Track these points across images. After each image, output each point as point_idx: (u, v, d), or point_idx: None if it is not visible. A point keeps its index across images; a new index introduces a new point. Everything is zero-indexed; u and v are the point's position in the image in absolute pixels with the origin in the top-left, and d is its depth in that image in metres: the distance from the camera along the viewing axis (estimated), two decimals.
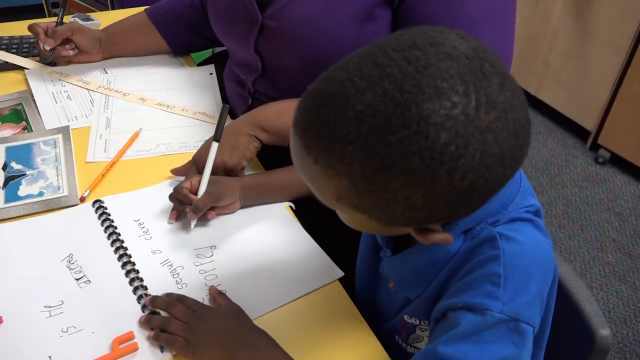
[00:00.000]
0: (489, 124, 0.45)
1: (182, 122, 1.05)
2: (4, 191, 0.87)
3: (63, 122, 1.03)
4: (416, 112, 0.44)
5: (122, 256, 0.77)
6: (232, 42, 1.01)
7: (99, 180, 0.90)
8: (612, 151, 2.12)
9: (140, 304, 0.71)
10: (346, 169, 0.47)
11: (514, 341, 0.53)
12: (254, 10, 0.91)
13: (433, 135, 0.44)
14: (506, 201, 0.59)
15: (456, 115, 0.44)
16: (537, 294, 0.55)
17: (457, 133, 0.44)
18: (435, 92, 0.44)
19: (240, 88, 1.06)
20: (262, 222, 0.84)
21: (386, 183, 0.47)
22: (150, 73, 1.19)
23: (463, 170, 0.45)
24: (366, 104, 0.45)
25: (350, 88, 0.46)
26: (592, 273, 1.73)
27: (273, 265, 0.78)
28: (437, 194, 0.47)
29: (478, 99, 0.45)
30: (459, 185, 0.46)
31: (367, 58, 0.47)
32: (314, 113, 0.48)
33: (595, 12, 2.04)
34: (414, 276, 0.64)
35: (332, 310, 0.73)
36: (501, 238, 0.56)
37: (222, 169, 0.86)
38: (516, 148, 0.48)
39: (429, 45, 0.46)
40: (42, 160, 0.93)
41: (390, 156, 0.45)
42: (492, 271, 0.54)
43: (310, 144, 0.49)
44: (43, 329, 0.67)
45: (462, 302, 0.55)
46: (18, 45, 1.23)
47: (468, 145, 0.45)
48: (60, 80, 1.14)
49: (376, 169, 0.46)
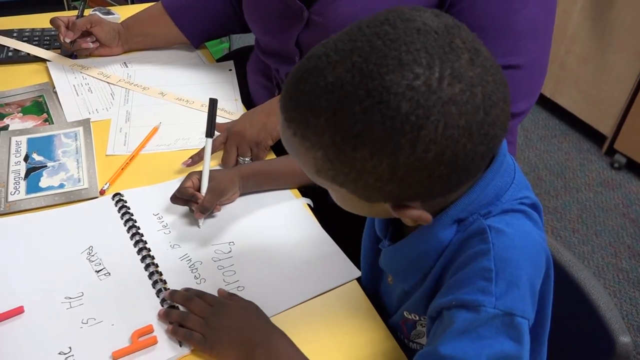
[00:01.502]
0: (452, 96, 0.46)
1: (201, 118, 1.05)
2: (25, 182, 0.87)
3: (84, 115, 1.04)
4: (379, 82, 0.46)
5: (142, 250, 0.77)
6: (270, 35, 1.02)
7: (118, 174, 0.91)
8: (629, 156, 2.10)
9: (160, 297, 0.71)
10: (319, 140, 0.50)
11: (511, 335, 0.52)
12: (299, 6, 0.91)
13: (394, 104, 0.46)
14: (499, 192, 0.58)
15: (417, 86, 0.45)
16: (528, 287, 0.54)
17: (418, 103, 0.46)
18: (399, 64, 0.46)
19: (266, 80, 1.07)
20: (281, 220, 0.85)
21: (354, 152, 0.48)
22: (170, 68, 1.19)
23: (425, 141, 0.47)
24: (336, 76, 0.47)
25: (325, 62, 0.48)
26: (606, 279, 1.72)
27: (291, 263, 0.78)
28: (403, 165, 0.48)
29: (442, 71, 0.46)
30: (423, 156, 0.47)
31: (344, 34, 0.50)
32: (293, 87, 0.51)
33: (614, 17, 2.02)
34: (407, 266, 0.64)
35: (350, 310, 0.73)
36: (491, 231, 0.55)
37: (249, 143, 0.90)
38: (486, 123, 0.49)
39: (400, 21, 0.48)
40: (63, 152, 0.94)
41: (356, 125, 0.47)
42: (483, 266, 0.54)
43: (289, 117, 0.51)
44: (63, 319, 0.68)
45: (455, 300, 0.54)
46: (40, 37, 1.24)
47: (430, 115, 0.46)
48: (82, 72, 1.15)
49: (344, 139, 0.48)
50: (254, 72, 1.12)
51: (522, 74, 0.88)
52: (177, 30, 1.20)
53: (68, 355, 0.64)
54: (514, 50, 0.87)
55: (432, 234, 0.58)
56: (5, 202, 0.84)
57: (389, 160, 0.48)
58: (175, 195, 0.82)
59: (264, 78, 1.09)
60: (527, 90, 0.91)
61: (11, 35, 1.24)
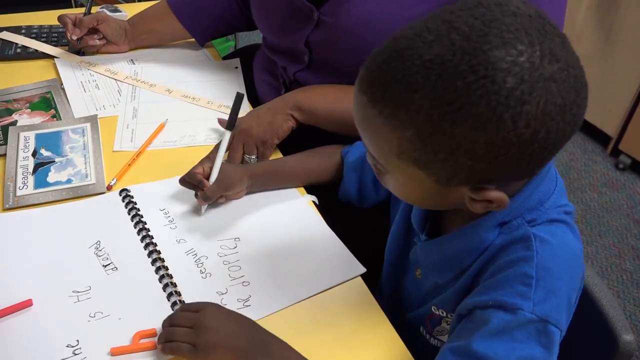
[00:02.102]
0: (553, 73, 0.47)
1: (208, 115, 1.06)
2: (33, 177, 0.88)
3: (91, 111, 1.04)
4: (484, 58, 0.46)
5: (149, 244, 0.78)
6: (279, 35, 1.02)
7: (125, 169, 0.91)
8: (633, 157, 2.10)
9: (166, 292, 0.72)
10: (412, 117, 0.49)
11: (541, 342, 0.53)
12: (308, 7, 0.92)
13: (500, 79, 0.46)
14: (543, 197, 0.59)
15: (522, 62, 0.46)
16: (565, 298, 0.56)
17: (522, 79, 0.46)
18: (502, 42, 0.46)
19: (272, 78, 1.07)
20: (286, 216, 0.85)
21: (452, 128, 0.48)
22: (177, 65, 1.20)
23: (527, 116, 0.47)
24: (434, 54, 0.47)
25: (419, 42, 0.48)
26: (610, 280, 1.72)
27: (296, 259, 0.78)
28: (500, 141, 0.48)
29: (542, 50, 0.47)
30: (523, 132, 0.48)
31: (433, 18, 0.50)
32: (382, 66, 0.51)
33: (619, 18, 2.02)
34: (445, 261, 0.65)
35: (354, 306, 0.73)
36: (535, 239, 0.56)
37: (255, 142, 0.91)
38: (575, 105, 0.50)
39: (494, 5, 0.49)
40: (70, 148, 0.95)
41: (457, 100, 0.47)
42: (524, 272, 0.55)
43: (376, 96, 0.51)
44: (71, 313, 0.69)
45: (493, 300, 0.55)
46: (47, 34, 1.25)
47: (533, 91, 0.46)
48: (89, 69, 1.16)
49: (442, 115, 0.48)
50: (260, 70, 1.13)
51: None
52: (182, 28, 1.21)
53: (75, 348, 0.64)
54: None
55: (477, 234, 0.60)
56: (14, 197, 0.85)
57: (488, 136, 0.48)
58: (184, 178, 0.83)
59: (270, 76, 1.09)
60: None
61: (19, 32, 1.25)
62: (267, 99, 1.07)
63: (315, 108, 0.91)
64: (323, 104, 0.92)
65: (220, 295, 0.72)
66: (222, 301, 0.72)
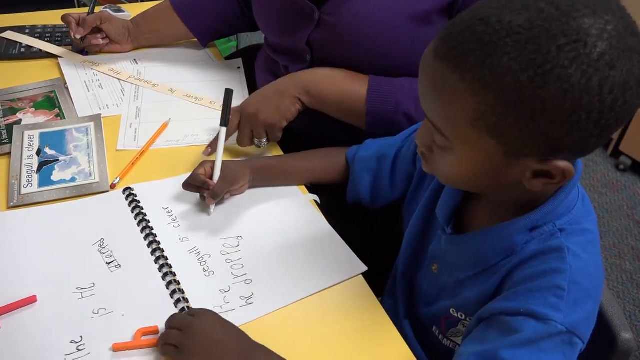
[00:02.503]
0: (635, 45, 0.49)
1: (210, 114, 1.07)
2: (38, 175, 0.89)
3: (95, 110, 1.05)
4: (575, 24, 0.48)
5: (152, 242, 0.79)
6: (281, 34, 1.03)
7: (129, 168, 0.92)
8: (634, 159, 2.10)
9: (169, 289, 0.73)
10: (498, 80, 0.49)
11: (565, 353, 0.55)
12: (309, 6, 0.92)
13: (591, 44, 0.47)
14: (570, 205, 0.60)
15: (610, 30, 0.48)
16: (592, 313, 0.57)
17: (611, 45, 0.48)
18: (591, 11, 0.48)
19: (273, 78, 1.08)
20: (288, 215, 0.86)
21: (541, 90, 0.48)
22: (179, 66, 1.21)
23: (612, 82, 0.48)
24: (524, 19, 0.48)
25: (505, 10, 0.49)
26: (610, 280, 1.72)
27: (298, 257, 0.79)
28: (585, 105, 0.49)
29: (625, 22, 0.49)
30: (606, 98, 0.49)
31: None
32: (465, 32, 0.51)
33: None
34: (470, 258, 0.65)
35: (355, 304, 0.74)
36: (569, 253, 0.57)
37: (262, 126, 0.91)
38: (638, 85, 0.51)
39: None
40: (74, 146, 0.95)
41: (549, 62, 0.48)
42: (556, 283, 0.56)
43: (458, 61, 0.51)
44: (75, 309, 0.69)
45: (524, 309, 0.55)
46: (51, 33, 1.26)
47: (619, 58, 0.48)
48: (92, 69, 1.17)
49: (532, 77, 0.48)
50: (262, 70, 1.13)
51: None
52: (185, 28, 1.21)
53: (79, 344, 0.65)
54: None
55: (508, 235, 0.60)
56: (19, 195, 0.85)
57: (575, 99, 0.48)
58: (187, 181, 0.84)
59: (272, 76, 1.10)
60: None
61: (23, 31, 1.26)
62: None
63: (323, 93, 0.91)
64: (332, 89, 0.91)
65: (223, 293, 0.73)
66: (225, 299, 0.72)
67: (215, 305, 0.71)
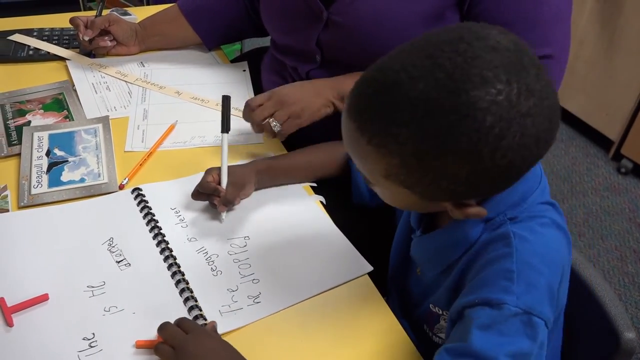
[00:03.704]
0: (528, 109, 0.51)
1: (216, 117, 1.07)
2: (47, 176, 0.90)
3: (102, 112, 1.06)
4: (465, 98, 0.49)
5: (161, 242, 0.80)
6: (290, 36, 1.04)
7: (137, 169, 0.93)
8: (635, 162, 2.11)
9: (179, 288, 0.74)
10: (400, 148, 0.53)
11: (527, 334, 0.55)
12: (318, 6, 0.93)
13: (480, 118, 0.50)
14: (526, 195, 0.62)
15: (500, 101, 0.50)
16: (546, 291, 0.58)
17: (501, 117, 0.50)
18: (482, 81, 0.49)
19: (280, 79, 1.09)
20: (294, 216, 0.87)
21: (436, 160, 0.52)
22: (186, 68, 1.22)
23: (504, 149, 0.51)
24: (420, 91, 0.51)
25: (405, 77, 0.51)
26: (612, 282, 1.73)
27: (304, 258, 0.80)
28: (481, 171, 0.53)
29: (519, 87, 0.50)
30: (500, 163, 0.52)
31: (418, 51, 0.53)
32: (371, 99, 0.54)
33: (622, 22, 2.04)
34: (434, 256, 0.68)
35: (361, 304, 0.75)
36: (515, 237, 0.59)
37: (287, 113, 0.90)
38: (549, 131, 0.54)
39: (475, 40, 0.51)
40: (83, 148, 0.97)
41: (441, 137, 0.51)
42: (505, 267, 0.57)
43: (365, 126, 0.55)
44: (86, 307, 0.70)
45: (479, 298, 0.57)
46: (59, 36, 1.28)
47: (510, 127, 0.50)
48: (100, 71, 1.18)
49: (427, 149, 0.52)
50: (267, 72, 1.15)
51: (552, 63, 0.91)
52: (192, 32, 1.23)
53: (92, 341, 0.66)
54: (543, 41, 0.89)
55: (462, 230, 0.62)
56: (29, 195, 0.87)
57: (469, 167, 0.52)
58: (196, 190, 0.84)
59: (278, 77, 1.11)
60: (557, 79, 0.94)
61: (31, 34, 1.27)
62: None
63: None
64: None
65: (230, 292, 0.74)
66: (232, 298, 0.73)
67: (224, 304, 0.72)
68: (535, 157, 0.55)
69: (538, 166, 0.64)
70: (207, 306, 0.72)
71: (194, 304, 0.71)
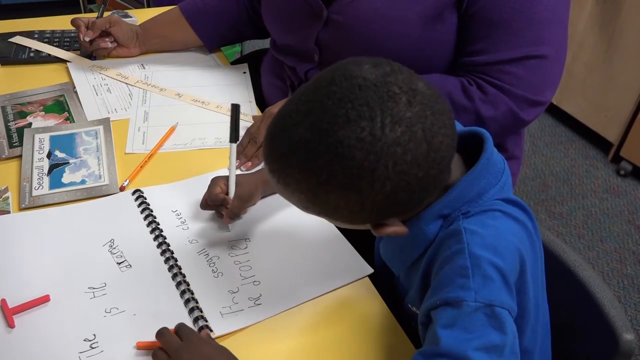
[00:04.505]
0: (395, 139, 0.53)
1: (217, 119, 1.09)
2: (48, 178, 0.90)
3: (103, 114, 1.07)
4: (335, 138, 0.53)
5: (162, 244, 0.80)
6: (289, 35, 1.04)
7: (137, 171, 0.94)
8: (634, 164, 2.12)
9: (179, 289, 0.74)
10: (298, 186, 0.58)
11: (493, 326, 0.56)
12: (319, 5, 0.94)
13: (349, 155, 0.53)
14: (481, 191, 0.63)
15: (365, 136, 0.53)
16: (503, 281, 0.58)
17: (368, 151, 0.53)
18: (347, 120, 0.53)
19: (279, 81, 1.10)
20: (295, 218, 0.87)
21: (326, 195, 0.57)
22: (186, 70, 1.23)
23: (381, 179, 0.54)
24: (300, 135, 0.55)
25: (289, 122, 0.56)
26: (611, 285, 1.73)
27: (305, 259, 0.80)
28: (368, 200, 0.56)
29: (383, 120, 0.53)
30: (382, 190, 0.55)
31: (303, 95, 0.57)
32: (270, 144, 0.59)
33: (621, 25, 2.04)
34: (397, 255, 0.70)
35: (362, 306, 0.75)
36: (465, 232, 0.60)
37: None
38: (432, 151, 0.55)
39: (344, 80, 0.55)
40: (84, 149, 0.97)
41: (322, 175, 0.55)
42: (459, 264, 0.58)
43: (271, 168, 0.59)
44: (88, 308, 0.71)
45: (440, 300, 0.58)
46: (60, 38, 1.28)
47: (379, 159, 0.53)
48: (101, 73, 1.18)
49: (316, 186, 0.56)
50: (267, 73, 1.15)
51: (547, 63, 0.91)
52: (193, 35, 1.23)
53: (93, 342, 0.67)
54: (538, 40, 0.89)
55: (418, 227, 0.64)
56: (30, 197, 0.87)
57: (355, 197, 0.56)
58: (205, 202, 0.83)
59: (278, 79, 1.12)
60: (551, 79, 0.94)
61: (32, 36, 1.28)
62: (274, 100, 1.09)
63: None
64: None
65: (231, 293, 0.74)
66: (233, 299, 0.74)
67: (224, 305, 0.73)
68: (424, 177, 0.56)
69: (501, 163, 0.65)
70: (207, 308, 0.72)
71: (194, 306, 0.72)
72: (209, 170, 0.94)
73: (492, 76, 0.90)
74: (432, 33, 0.89)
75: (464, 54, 0.93)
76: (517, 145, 1.06)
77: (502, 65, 0.89)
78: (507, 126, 0.93)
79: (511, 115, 0.91)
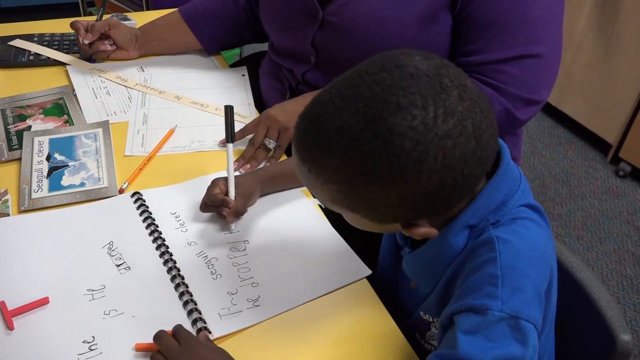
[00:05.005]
0: (447, 131, 0.52)
1: (216, 121, 1.09)
2: (48, 180, 0.91)
3: (102, 117, 1.07)
4: (383, 125, 0.52)
5: (160, 246, 0.80)
6: (286, 36, 1.05)
7: (136, 174, 0.94)
8: (634, 165, 2.12)
9: (178, 291, 0.74)
10: (333, 176, 0.56)
11: (516, 338, 0.55)
12: (314, 6, 0.94)
13: (398, 144, 0.52)
14: (505, 198, 0.62)
15: (416, 125, 0.51)
16: (534, 293, 0.58)
17: (418, 141, 0.52)
18: (398, 108, 0.52)
19: (277, 83, 1.10)
20: (293, 219, 0.87)
21: (365, 186, 0.55)
22: (185, 73, 1.23)
23: (427, 171, 0.53)
24: (343, 121, 0.53)
25: (332, 108, 0.54)
26: (610, 286, 1.73)
27: (303, 261, 0.81)
28: (410, 193, 0.54)
29: (436, 110, 0.52)
30: (427, 184, 0.53)
31: (346, 80, 0.55)
32: (305, 131, 0.57)
33: (620, 26, 2.05)
34: (425, 271, 0.68)
35: (360, 307, 0.75)
36: (498, 241, 0.59)
37: (278, 127, 0.96)
38: (478, 149, 0.55)
39: (395, 68, 0.54)
40: (83, 152, 0.97)
41: (365, 164, 0.53)
42: (490, 272, 0.58)
43: (304, 156, 0.58)
44: (87, 310, 0.71)
45: (465, 305, 0.58)
46: (59, 42, 1.28)
47: (429, 150, 0.52)
48: (100, 76, 1.19)
49: (355, 175, 0.54)
50: (266, 76, 1.16)
51: (542, 62, 0.91)
52: (193, 38, 1.24)
53: (92, 344, 0.67)
54: (533, 40, 0.90)
55: (445, 240, 0.63)
56: (29, 199, 0.87)
57: (397, 190, 0.54)
58: (204, 203, 0.84)
59: (276, 81, 1.12)
60: (546, 78, 0.94)
61: (32, 39, 1.28)
62: (272, 103, 1.10)
63: None
64: None
65: (230, 295, 0.75)
66: (232, 301, 0.74)
67: (223, 307, 0.73)
68: (469, 176, 0.55)
69: (517, 168, 0.65)
70: (206, 309, 0.72)
71: (193, 307, 0.72)
72: (207, 172, 0.94)
73: (488, 76, 0.90)
74: (427, 34, 0.90)
75: (459, 55, 0.93)
76: (515, 146, 1.06)
77: (497, 64, 0.90)
78: (502, 126, 0.93)
79: (506, 114, 0.92)
